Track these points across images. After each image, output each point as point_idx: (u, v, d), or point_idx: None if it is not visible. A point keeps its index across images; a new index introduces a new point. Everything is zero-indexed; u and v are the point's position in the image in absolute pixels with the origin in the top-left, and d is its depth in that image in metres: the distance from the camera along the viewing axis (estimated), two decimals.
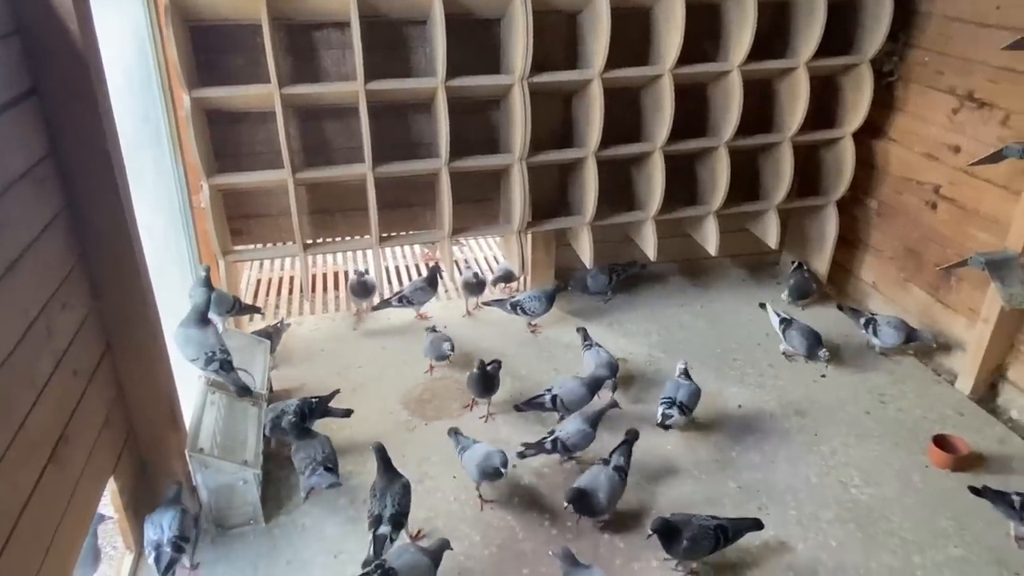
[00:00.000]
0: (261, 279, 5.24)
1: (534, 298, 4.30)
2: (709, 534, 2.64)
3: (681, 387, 3.50)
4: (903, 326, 3.93)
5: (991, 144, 3.44)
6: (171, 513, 2.63)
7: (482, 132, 4.21)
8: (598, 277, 4.61)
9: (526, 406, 3.48)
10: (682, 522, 2.65)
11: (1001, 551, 2.84)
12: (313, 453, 3.01)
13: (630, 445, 3.05)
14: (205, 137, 3.72)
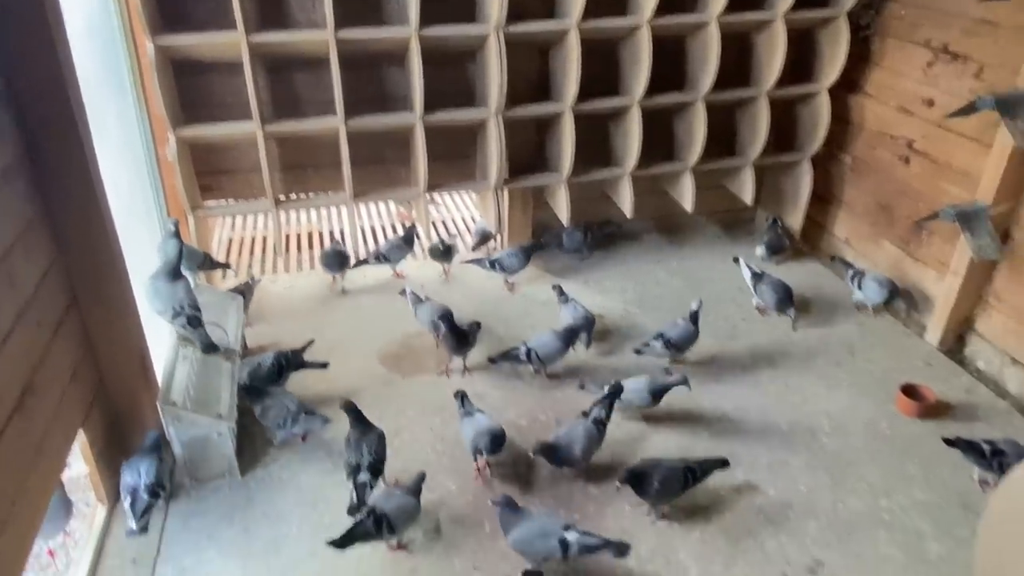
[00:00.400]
0: (233, 238, 5.16)
1: (512, 255, 4.28)
2: (678, 475, 2.71)
3: (677, 327, 3.59)
4: (888, 284, 3.95)
5: (964, 97, 3.45)
6: (149, 460, 2.65)
7: (457, 85, 4.14)
8: (573, 234, 4.60)
9: (500, 358, 3.49)
10: (651, 466, 2.72)
11: (966, 495, 2.92)
12: (285, 405, 3.01)
13: (613, 398, 3.06)
14: (170, 87, 3.61)
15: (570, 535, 2.44)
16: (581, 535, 2.45)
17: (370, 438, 2.77)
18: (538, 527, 2.49)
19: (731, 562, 2.63)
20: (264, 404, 3.03)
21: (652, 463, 2.75)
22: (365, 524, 2.50)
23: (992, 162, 3.39)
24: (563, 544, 2.43)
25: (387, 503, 2.57)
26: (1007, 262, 3.48)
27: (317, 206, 4.90)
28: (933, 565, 2.62)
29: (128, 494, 2.57)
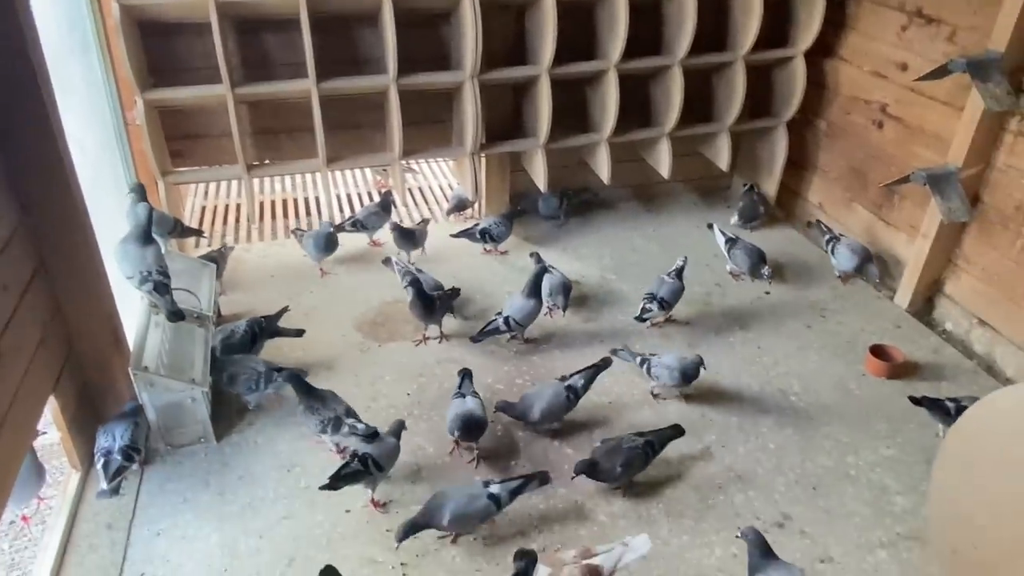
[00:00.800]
0: (206, 206, 5.08)
1: (499, 223, 4.28)
2: (639, 453, 2.70)
3: (665, 284, 3.64)
4: (861, 251, 3.95)
5: (937, 60, 3.47)
6: (124, 424, 2.66)
7: (432, 47, 4.09)
8: (549, 200, 4.59)
9: (482, 336, 3.46)
10: (611, 449, 2.70)
11: (931, 451, 2.99)
12: (252, 367, 3.03)
13: (598, 371, 3.07)
14: (137, 49, 3.53)
15: (494, 488, 2.51)
16: (502, 483, 2.53)
17: (329, 394, 2.85)
18: (464, 497, 2.47)
19: (701, 517, 2.69)
20: (229, 372, 3.02)
21: (611, 446, 2.72)
22: (352, 465, 2.58)
23: (963, 125, 3.42)
24: (493, 498, 2.48)
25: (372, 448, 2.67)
26: (976, 225, 3.53)
27: (290, 173, 4.82)
28: (898, 518, 2.70)
29: (102, 456, 2.57)
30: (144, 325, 3.00)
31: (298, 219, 4.97)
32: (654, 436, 2.80)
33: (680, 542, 2.59)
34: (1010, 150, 3.33)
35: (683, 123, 4.32)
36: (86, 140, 3.23)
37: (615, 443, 2.73)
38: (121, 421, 2.68)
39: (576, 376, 3.04)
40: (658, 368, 3.14)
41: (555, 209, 4.62)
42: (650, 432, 2.82)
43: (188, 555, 2.51)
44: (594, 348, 3.54)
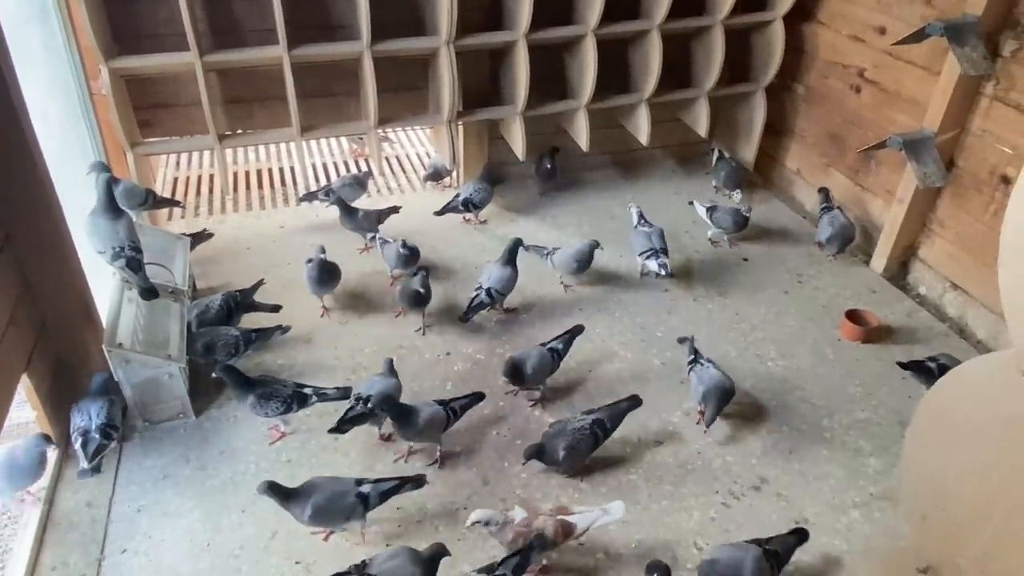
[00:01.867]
0: (179, 177, 4.98)
1: (479, 189, 4.22)
2: (586, 435, 2.64)
3: (650, 234, 3.77)
4: (841, 231, 3.89)
5: (915, 24, 3.45)
6: (99, 402, 2.62)
7: (406, 12, 3.99)
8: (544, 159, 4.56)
9: (470, 313, 3.42)
10: (557, 432, 2.64)
11: (903, 413, 3.06)
12: (226, 334, 3.05)
13: (573, 336, 3.14)
14: (100, 15, 3.41)
15: (364, 487, 2.37)
16: (375, 483, 2.39)
17: (269, 378, 2.83)
18: (330, 493, 2.35)
19: (680, 481, 2.73)
20: (204, 342, 3.00)
21: (558, 429, 2.66)
22: (357, 408, 2.69)
23: (939, 90, 3.43)
24: (361, 497, 2.35)
25: (372, 388, 2.76)
26: (950, 189, 3.56)
27: (264, 143, 4.74)
28: (871, 479, 2.76)
29: (79, 436, 2.54)
30: (117, 301, 2.96)
31: (273, 190, 4.88)
32: (606, 413, 2.73)
33: (659, 507, 2.63)
34: (985, 115, 3.35)
35: (661, 89, 4.29)
36: (49, 111, 3.14)
37: (561, 425, 2.67)
38: (95, 399, 2.64)
39: (555, 340, 3.10)
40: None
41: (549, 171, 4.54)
42: (603, 408, 2.77)
43: (170, 531, 2.51)
44: (573, 316, 3.55)
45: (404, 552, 2.19)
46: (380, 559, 2.18)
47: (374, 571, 2.13)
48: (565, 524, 2.31)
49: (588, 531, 2.35)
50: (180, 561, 2.42)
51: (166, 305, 3.11)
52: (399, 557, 2.17)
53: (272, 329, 3.15)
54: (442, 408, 2.70)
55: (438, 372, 3.23)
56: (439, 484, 2.70)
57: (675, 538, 2.52)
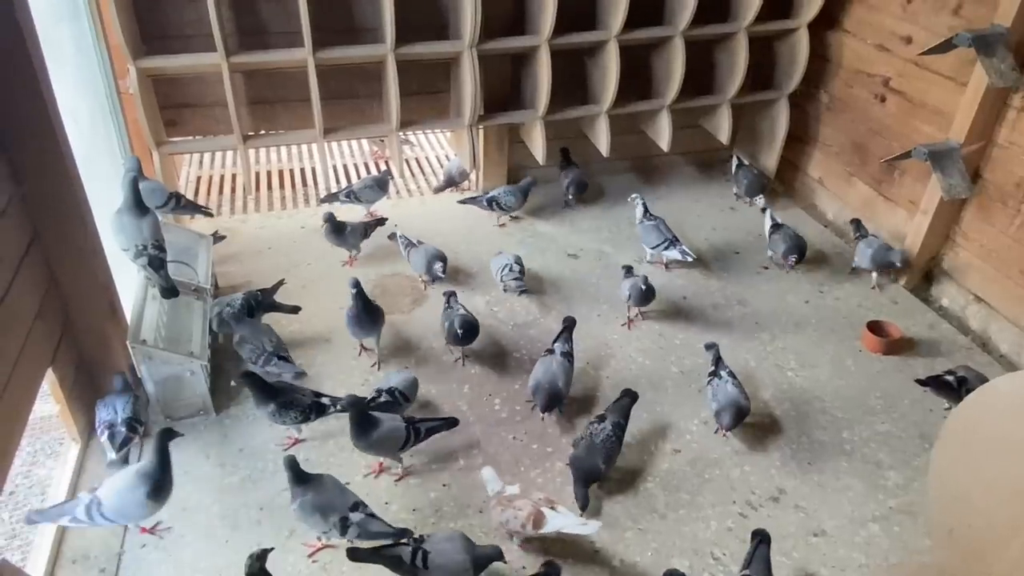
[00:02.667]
0: (201, 176, 5.03)
1: (510, 193, 4.29)
2: (614, 440, 2.65)
3: (659, 225, 3.86)
4: (879, 252, 3.72)
5: (942, 34, 3.42)
6: (125, 398, 2.66)
7: (430, 16, 4.01)
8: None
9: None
10: (589, 449, 2.62)
11: (924, 425, 3.03)
12: (261, 343, 3.00)
13: (570, 331, 3.12)
14: (129, 15, 3.46)
15: (354, 516, 2.31)
16: (366, 518, 2.32)
17: None
18: (325, 499, 2.33)
19: (697, 491, 2.72)
20: (242, 335, 3.05)
21: (586, 445, 2.64)
22: (382, 398, 2.79)
23: (966, 101, 3.39)
24: (343, 523, 2.30)
25: (393, 380, 2.88)
26: (975, 201, 3.52)
27: (287, 143, 4.78)
28: (891, 492, 2.73)
29: (106, 429, 2.58)
30: (142, 297, 2.99)
31: (294, 190, 4.92)
32: (616, 414, 2.74)
33: (676, 515, 2.62)
34: (1012, 126, 3.31)
35: (684, 95, 4.28)
36: (79, 109, 3.18)
37: (587, 441, 2.65)
38: (120, 395, 2.68)
39: (558, 343, 3.07)
40: None
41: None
42: (609, 410, 2.77)
43: (189, 527, 2.53)
44: (591, 322, 3.56)
45: (460, 538, 2.26)
46: (437, 538, 2.26)
47: (428, 546, 2.21)
48: (538, 514, 2.38)
49: (558, 532, 2.39)
50: (198, 557, 2.44)
51: (189, 303, 3.14)
52: (454, 541, 2.24)
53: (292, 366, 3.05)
54: (405, 426, 2.62)
55: (456, 376, 3.24)
56: (455, 487, 2.70)
57: (692, 547, 2.51)
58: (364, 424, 2.57)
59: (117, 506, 2.28)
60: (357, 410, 2.57)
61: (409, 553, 2.20)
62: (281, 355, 3.04)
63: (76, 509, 2.27)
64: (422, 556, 2.20)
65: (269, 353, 3.01)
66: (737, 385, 2.90)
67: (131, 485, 2.28)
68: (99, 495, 2.29)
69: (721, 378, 2.93)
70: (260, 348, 3.00)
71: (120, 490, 2.29)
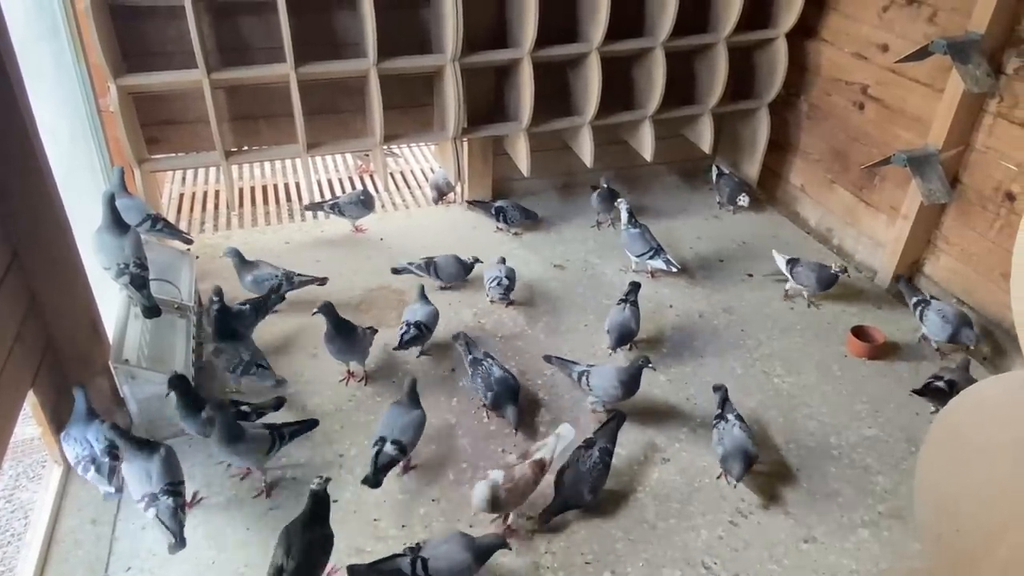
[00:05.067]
0: (185, 193, 5.00)
1: (515, 207, 4.40)
2: (600, 467, 2.62)
3: (644, 233, 3.92)
4: (955, 318, 3.31)
5: (918, 41, 3.48)
6: (94, 428, 2.55)
7: (412, 31, 4.03)
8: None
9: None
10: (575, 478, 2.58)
11: (911, 429, 3.05)
12: (238, 351, 2.99)
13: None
14: (109, 33, 3.44)
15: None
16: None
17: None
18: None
19: (687, 500, 2.72)
20: (217, 346, 3.01)
21: (573, 475, 2.58)
22: (410, 332, 3.18)
23: (943, 107, 3.44)
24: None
25: (415, 314, 3.26)
26: (955, 206, 3.57)
27: (270, 159, 4.74)
28: (879, 497, 2.74)
29: (89, 464, 2.48)
30: (124, 317, 2.96)
31: (278, 205, 4.90)
32: (604, 437, 2.70)
33: (666, 525, 2.62)
34: (989, 131, 3.36)
35: (665, 106, 4.31)
36: (59, 128, 3.16)
37: (573, 469, 2.59)
38: (88, 425, 2.55)
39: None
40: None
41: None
42: (598, 434, 2.72)
43: None
44: (579, 332, 3.57)
45: (457, 537, 2.26)
46: (434, 543, 2.27)
47: (427, 554, 2.20)
48: (539, 462, 2.52)
49: (554, 459, 2.58)
50: None
51: (172, 321, 3.11)
52: (452, 542, 2.24)
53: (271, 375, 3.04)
54: (268, 432, 2.58)
55: (444, 389, 3.23)
56: (444, 502, 2.68)
57: (683, 557, 2.50)
58: (231, 433, 2.51)
59: None
60: (221, 421, 2.49)
61: (408, 564, 2.19)
62: (260, 363, 3.01)
63: None
64: (422, 564, 2.18)
65: (247, 362, 2.98)
66: (745, 429, 2.74)
67: None
68: None
69: (728, 421, 2.78)
70: (237, 357, 2.97)
71: None
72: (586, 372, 3.03)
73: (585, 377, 3.02)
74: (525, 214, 4.43)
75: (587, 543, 2.53)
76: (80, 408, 2.59)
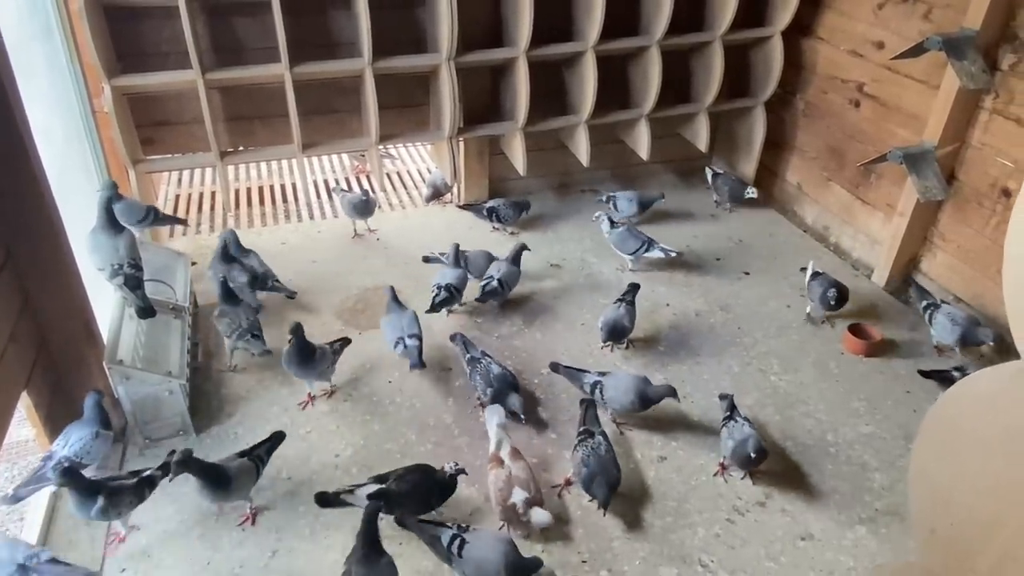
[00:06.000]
0: (180, 194, 4.99)
1: (508, 206, 4.35)
2: (611, 457, 2.61)
3: (631, 229, 3.97)
4: (964, 321, 3.27)
5: (913, 38, 3.47)
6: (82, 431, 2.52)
7: (407, 30, 4.02)
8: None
9: (484, 296, 3.60)
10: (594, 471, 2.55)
11: (908, 426, 3.04)
12: (239, 318, 3.11)
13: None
14: (103, 33, 3.43)
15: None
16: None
17: None
18: None
19: (684, 498, 2.71)
20: (222, 308, 3.15)
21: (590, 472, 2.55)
22: (441, 294, 3.41)
23: (939, 104, 3.44)
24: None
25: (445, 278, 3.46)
26: (952, 203, 3.56)
27: (266, 159, 4.75)
28: (877, 494, 2.74)
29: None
30: (118, 317, 2.95)
31: (275, 206, 4.90)
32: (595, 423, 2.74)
33: (663, 523, 2.61)
34: (985, 128, 3.35)
35: (661, 104, 4.31)
36: (52, 128, 3.15)
37: (595, 458, 2.57)
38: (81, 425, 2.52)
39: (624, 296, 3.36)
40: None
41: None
42: (587, 423, 2.74)
43: (169, 550, 2.49)
44: (575, 332, 3.56)
45: (506, 542, 2.27)
46: (482, 533, 2.32)
47: (469, 537, 2.26)
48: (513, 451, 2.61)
49: None
50: None
51: (167, 322, 3.10)
52: (498, 542, 2.26)
53: (260, 344, 3.15)
54: (248, 461, 2.52)
55: (440, 389, 3.22)
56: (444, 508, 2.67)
57: (680, 555, 2.49)
58: (215, 477, 2.40)
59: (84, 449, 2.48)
60: (199, 467, 2.36)
61: (448, 537, 2.26)
62: (255, 333, 3.13)
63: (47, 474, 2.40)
64: (459, 544, 2.24)
65: (243, 329, 3.10)
66: (754, 428, 2.73)
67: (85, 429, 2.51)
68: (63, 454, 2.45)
69: (737, 421, 2.76)
70: (236, 323, 3.10)
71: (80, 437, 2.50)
72: (599, 384, 2.92)
73: (599, 389, 2.92)
74: (517, 209, 4.38)
75: (583, 542, 2.53)
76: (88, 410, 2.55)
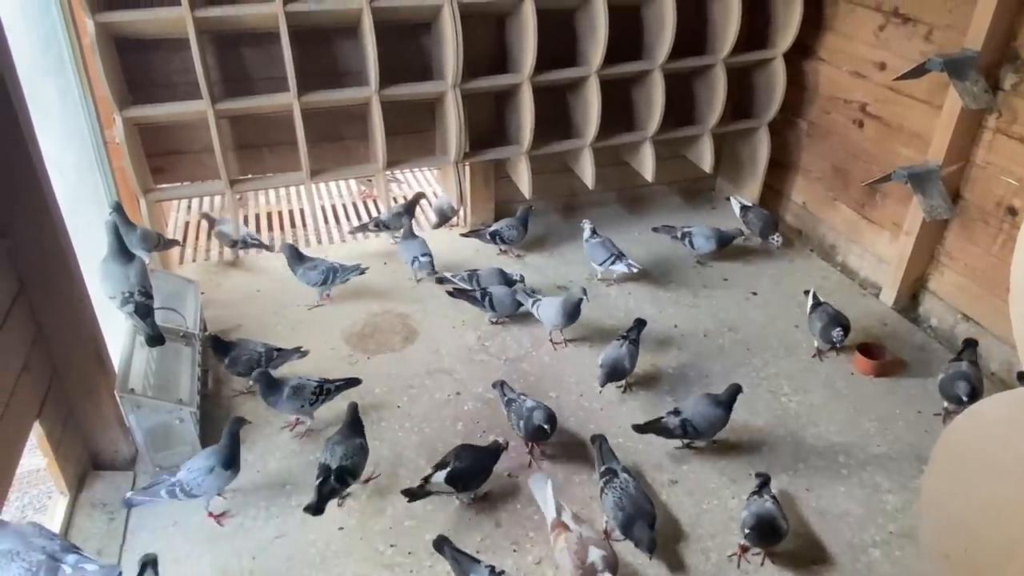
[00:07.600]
0: (190, 221, 5.04)
1: (511, 226, 4.33)
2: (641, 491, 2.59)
3: (605, 242, 4.06)
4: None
5: (914, 59, 3.49)
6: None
7: (413, 58, 4.08)
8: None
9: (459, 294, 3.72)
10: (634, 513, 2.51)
11: (920, 448, 3.02)
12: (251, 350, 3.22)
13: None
14: (114, 66, 3.50)
15: None
16: None
17: (350, 444, 2.69)
18: None
19: (696, 522, 2.69)
20: (231, 355, 3.15)
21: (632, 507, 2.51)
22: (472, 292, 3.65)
23: (942, 123, 3.45)
24: None
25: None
26: (958, 221, 3.57)
27: (274, 186, 4.81)
28: (890, 516, 2.71)
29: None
30: (129, 346, 2.97)
31: (283, 232, 4.94)
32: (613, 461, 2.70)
33: (676, 548, 2.59)
34: (989, 147, 3.37)
35: (665, 127, 4.34)
36: (65, 161, 3.20)
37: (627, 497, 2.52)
38: None
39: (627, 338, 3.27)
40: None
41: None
42: (606, 460, 2.70)
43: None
44: (581, 353, 3.56)
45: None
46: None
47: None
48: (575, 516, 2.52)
49: None
50: None
51: (177, 349, 3.12)
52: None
53: (291, 351, 3.31)
54: (314, 383, 3.00)
55: (448, 412, 3.22)
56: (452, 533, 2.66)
57: None
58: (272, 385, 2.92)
59: (196, 481, 2.57)
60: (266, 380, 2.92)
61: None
62: (277, 350, 3.27)
63: (160, 491, 2.57)
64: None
65: (264, 353, 3.20)
66: (777, 504, 2.54)
67: (206, 461, 2.60)
68: (179, 477, 2.58)
69: (763, 497, 2.57)
70: (254, 354, 3.19)
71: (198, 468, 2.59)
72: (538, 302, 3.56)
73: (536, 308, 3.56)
74: (522, 226, 4.33)
75: None
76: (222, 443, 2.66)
